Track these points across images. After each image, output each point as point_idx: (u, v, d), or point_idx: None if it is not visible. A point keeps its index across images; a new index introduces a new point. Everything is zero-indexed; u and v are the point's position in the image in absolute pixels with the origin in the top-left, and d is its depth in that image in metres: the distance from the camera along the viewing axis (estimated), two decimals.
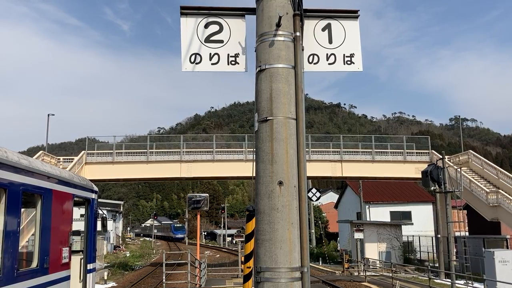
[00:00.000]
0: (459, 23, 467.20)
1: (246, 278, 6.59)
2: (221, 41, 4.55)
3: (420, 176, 28.43)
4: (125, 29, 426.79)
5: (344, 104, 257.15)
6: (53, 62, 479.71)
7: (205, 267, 20.36)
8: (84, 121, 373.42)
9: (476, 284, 21.27)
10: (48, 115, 39.88)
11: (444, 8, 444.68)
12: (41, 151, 31.80)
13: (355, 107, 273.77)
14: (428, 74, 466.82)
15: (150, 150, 34.25)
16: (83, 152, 33.40)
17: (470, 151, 34.40)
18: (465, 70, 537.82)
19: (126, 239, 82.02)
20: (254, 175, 4.21)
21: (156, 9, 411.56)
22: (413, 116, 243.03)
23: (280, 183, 3.92)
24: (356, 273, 25.94)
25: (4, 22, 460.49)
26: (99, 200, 11.27)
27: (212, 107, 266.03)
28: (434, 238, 32.64)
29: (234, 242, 69.93)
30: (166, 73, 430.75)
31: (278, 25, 4.14)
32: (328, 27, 4.65)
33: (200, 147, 36.76)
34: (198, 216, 24.08)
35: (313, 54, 4.59)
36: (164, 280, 17.73)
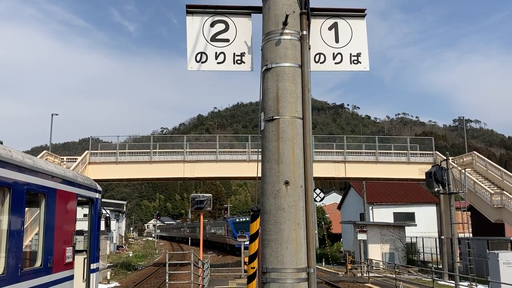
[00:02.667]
0: (465, 25, 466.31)
1: (250, 278, 6.56)
2: (227, 40, 4.52)
3: (423, 177, 28.32)
4: (131, 30, 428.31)
5: (348, 105, 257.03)
6: (59, 63, 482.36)
7: (208, 267, 20.33)
8: (88, 121, 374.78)
9: (480, 286, 21.15)
10: (52, 115, 39.97)
11: (449, 10, 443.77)
12: (44, 151, 31.87)
13: (359, 107, 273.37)
14: (432, 75, 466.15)
15: (153, 150, 34.28)
16: (86, 152, 33.46)
17: (474, 152, 34.25)
18: (470, 71, 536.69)
19: (129, 239, 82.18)
20: (259, 174, 4.18)
21: (162, 10, 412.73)
22: (416, 117, 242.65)
23: (287, 183, 3.88)
24: (359, 274, 25.86)
25: (12, 24, 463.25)
26: (103, 200, 11.26)
27: (215, 108, 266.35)
28: (437, 240, 32.51)
29: None
30: (171, 73, 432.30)
31: (285, 23, 4.11)
32: (334, 26, 4.62)
33: (203, 147, 36.76)
34: (201, 217, 24.06)
35: (320, 53, 4.55)
36: (167, 280, 17.71)
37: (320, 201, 26.78)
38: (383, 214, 42.37)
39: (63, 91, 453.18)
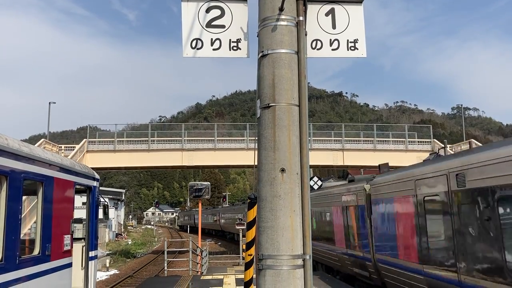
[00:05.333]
0: (466, 13, 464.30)
1: (247, 265, 6.60)
2: (223, 26, 4.46)
3: None
4: (131, 18, 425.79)
5: (346, 93, 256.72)
6: (58, 51, 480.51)
7: (206, 255, 20.47)
8: (86, 110, 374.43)
9: None
10: (50, 103, 39.86)
11: None
12: (42, 139, 31.82)
13: (357, 96, 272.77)
14: (432, 64, 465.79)
15: (152, 139, 34.27)
16: (84, 140, 33.44)
17: (472, 140, 34.31)
18: (470, 60, 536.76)
19: (128, 227, 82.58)
20: (256, 162, 4.17)
21: None
22: (415, 105, 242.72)
23: (283, 170, 3.87)
24: None
25: (12, 11, 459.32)
26: (101, 188, 11.27)
27: (214, 96, 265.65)
28: None
29: None
30: (169, 62, 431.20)
31: (281, 9, 4.05)
32: (331, 12, 4.56)
33: (202, 136, 36.76)
34: (200, 205, 24.16)
35: (316, 40, 4.50)
36: (165, 268, 17.84)
37: (318, 189, 26.84)
38: None
39: (62, 80, 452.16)
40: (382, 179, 10.67)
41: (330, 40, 4.53)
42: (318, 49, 4.50)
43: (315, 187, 18.60)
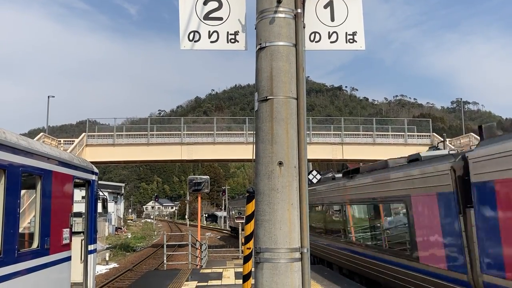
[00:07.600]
0: (467, 6, 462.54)
1: (246, 259, 6.60)
2: (221, 18, 4.43)
3: None
4: (132, 12, 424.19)
5: (346, 87, 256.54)
6: (59, 46, 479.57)
7: (205, 248, 20.51)
8: (86, 104, 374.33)
9: None
10: (48, 97, 39.76)
11: None
12: (41, 133, 31.79)
13: (357, 90, 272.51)
14: (432, 58, 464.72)
15: (151, 133, 34.25)
16: (83, 134, 33.41)
17: (472, 133, 34.34)
18: (471, 53, 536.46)
19: (128, 221, 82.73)
20: (254, 156, 4.16)
21: None
22: (414, 99, 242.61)
23: (280, 163, 3.86)
24: None
25: (13, 6, 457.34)
26: (100, 182, 11.28)
27: (213, 90, 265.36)
28: None
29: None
30: (170, 56, 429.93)
31: (279, 1, 4.02)
32: (330, 4, 4.53)
33: (201, 130, 36.74)
34: (199, 198, 24.16)
35: (315, 32, 4.47)
36: (165, 261, 17.88)
37: (317, 182, 26.88)
38: None
39: (62, 74, 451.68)
40: None
41: (329, 32, 4.49)
42: (316, 42, 4.47)
43: (314, 181, 18.62)
